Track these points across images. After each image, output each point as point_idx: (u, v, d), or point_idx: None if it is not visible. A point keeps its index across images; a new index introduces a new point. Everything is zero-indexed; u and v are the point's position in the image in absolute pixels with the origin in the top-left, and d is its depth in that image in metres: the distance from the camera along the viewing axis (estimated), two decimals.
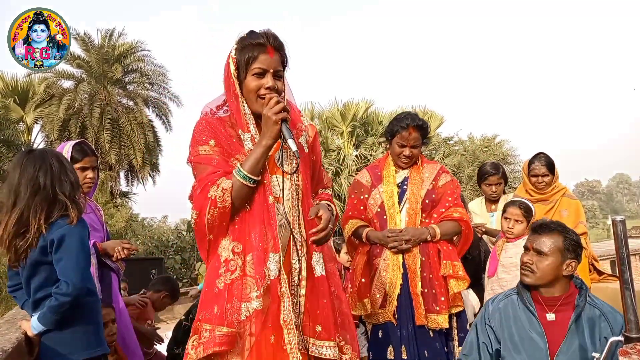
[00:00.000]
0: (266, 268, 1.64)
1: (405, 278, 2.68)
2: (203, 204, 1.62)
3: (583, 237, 3.57)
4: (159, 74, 20.50)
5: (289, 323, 1.63)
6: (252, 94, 1.72)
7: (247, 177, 1.63)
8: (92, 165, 2.67)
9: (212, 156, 1.69)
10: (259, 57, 1.68)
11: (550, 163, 3.68)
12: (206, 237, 1.67)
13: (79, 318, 1.96)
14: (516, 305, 2.16)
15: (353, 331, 1.84)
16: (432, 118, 20.92)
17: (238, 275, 1.64)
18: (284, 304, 1.65)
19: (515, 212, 3.12)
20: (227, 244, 1.68)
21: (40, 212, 1.91)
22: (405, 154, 2.79)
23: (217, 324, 1.62)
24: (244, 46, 1.70)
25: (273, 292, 1.65)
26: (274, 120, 1.61)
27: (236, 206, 1.64)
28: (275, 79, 1.72)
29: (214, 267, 1.69)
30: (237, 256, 1.65)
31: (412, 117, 2.82)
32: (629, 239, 1.44)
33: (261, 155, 1.64)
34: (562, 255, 2.09)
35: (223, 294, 1.64)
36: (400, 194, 2.81)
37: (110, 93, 18.83)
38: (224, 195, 1.61)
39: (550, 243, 2.12)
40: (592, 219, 49.66)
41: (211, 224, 1.63)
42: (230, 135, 1.74)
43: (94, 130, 18.11)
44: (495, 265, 3.14)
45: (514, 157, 23.25)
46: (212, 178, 1.64)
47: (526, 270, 2.13)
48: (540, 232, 2.15)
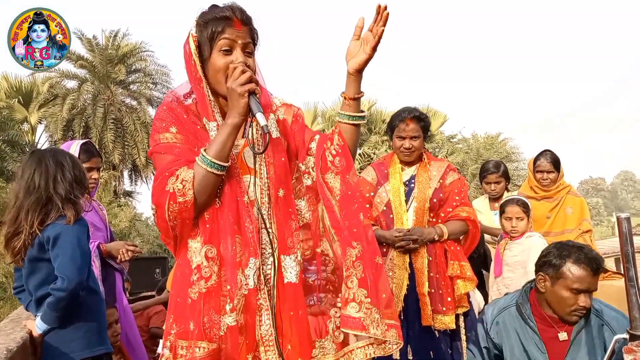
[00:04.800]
0: (243, 275, 1.43)
1: (412, 278, 2.66)
2: (161, 198, 1.38)
3: (588, 234, 3.58)
4: (162, 73, 20.56)
5: (267, 340, 1.43)
6: (219, 74, 1.47)
7: (213, 164, 1.38)
8: (98, 166, 2.70)
9: (173, 144, 1.46)
10: (225, 30, 1.45)
11: (556, 160, 3.68)
12: (170, 235, 1.45)
13: (81, 317, 1.96)
14: (515, 319, 2.06)
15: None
16: (436, 116, 20.87)
17: (215, 282, 1.42)
18: (262, 317, 1.44)
19: (516, 210, 3.11)
20: (199, 248, 1.44)
21: (33, 213, 1.90)
22: (405, 146, 2.77)
23: (196, 339, 1.40)
24: (207, 21, 1.47)
25: (250, 303, 1.43)
26: (239, 93, 1.38)
27: (202, 200, 1.40)
28: (246, 54, 1.48)
29: (184, 274, 1.46)
30: (212, 262, 1.42)
31: (409, 110, 2.83)
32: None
33: (228, 136, 1.40)
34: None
35: (198, 305, 1.41)
36: (407, 192, 2.79)
37: (113, 93, 18.91)
38: (184, 188, 1.36)
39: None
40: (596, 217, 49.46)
41: (173, 221, 1.40)
42: (195, 123, 1.51)
43: (98, 130, 18.19)
44: (501, 265, 3.13)
45: (517, 154, 23.20)
46: (171, 168, 1.41)
47: (582, 313, 1.96)
48: (598, 274, 1.97)
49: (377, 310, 1.47)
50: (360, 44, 1.51)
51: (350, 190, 1.55)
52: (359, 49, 1.51)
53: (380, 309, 1.48)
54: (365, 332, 1.45)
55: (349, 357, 1.52)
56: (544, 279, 2.00)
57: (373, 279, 1.49)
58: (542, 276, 2.01)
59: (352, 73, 1.53)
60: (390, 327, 1.48)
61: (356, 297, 1.46)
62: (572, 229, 3.53)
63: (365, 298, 1.46)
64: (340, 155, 1.56)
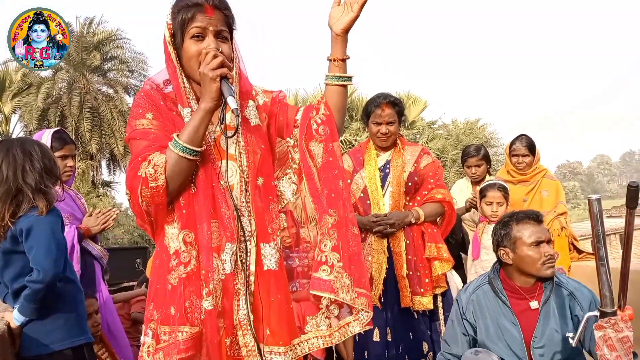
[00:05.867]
0: (220, 260, 1.44)
1: (390, 262, 2.71)
2: (133, 183, 1.39)
3: (563, 216, 3.65)
4: (139, 61, 20.18)
5: (245, 324, 1.45)
6: (192, 61, 1.47)
7: (185, 148, 1.38)
8: (72, 153, 2.67)
9: (148, 130, 1.46)
10: (196, 16, 1.45)
11: (531, 144, 3.74)
12: (146, 220, 1.46)
13: (60, 307, 1.95)
14: (488, 296, 2.15)
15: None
16: (416, 103, 21.00)
17: (194, 267, 1.43)
18: (240, 302, 1.45)
19: (497, 195, 3.16)
20: (176, 233, 1.44)
21: (3, 205, 1.87)
22: (382, 131, 2.80)
23: (178, 323, 1.40)
24: (179, 8, 1.47)
25: (227, 288, 1.45)
26: (210, 77, 1.37)
27: (175, 186, 1.41)
28: (220, 40, 1.48)
29: (163, 261, 1.47)
30: (190, 246, 1.43)
31: (384, 95, 2.85)
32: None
33: (200, 121, 1.40)
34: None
35: (179, 290, 1.42)
36: (382, 177, 2.82)
37: (89, 81, 18.52)
38: (155, 172, 1.37)
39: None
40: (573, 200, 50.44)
41: (146, 206, 1.41)
42: (171, 110, 1.52)
43: (74, 119, 17.83)
44: (479, 248, 3.19)
45: (496, 139, 23.50)
46: (144, 154, 1.41)
47: (552, 262, 2.07)
48: (541, 223, 2.14)
49: (347, 276, 1.48)
50: (344, 8, 1.54)
51: (331, 157, 1.56)
52: (343, 12, 1.54)
53: (352, 275, 1.50)
54: (334, 295, 1.47)
55: (342, 330, 1.55)
56: (505, 252, 2.12)
57: (347, 247, 1.51)
58: (503, 250, 2.13)
59: (339, 34, 1.55)
60: (360, 295, 1.50)
61: (328, 260, 1.49)
62: (548, 212, 3.59)
63: (337, 262, 1.48)
64: (325, 123, 1.58)
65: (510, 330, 2.05)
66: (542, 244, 2.06)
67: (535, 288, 2.09)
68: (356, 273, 1.51)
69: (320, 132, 1.57)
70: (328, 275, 1.47)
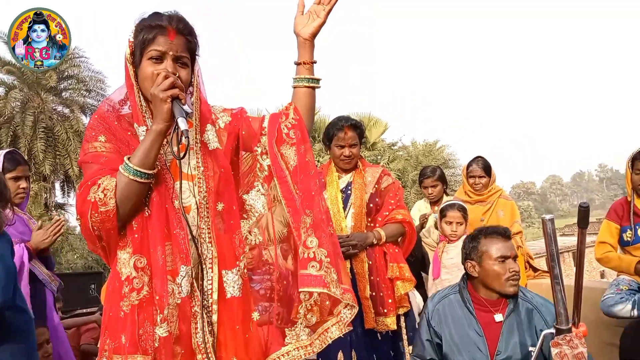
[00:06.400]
0: (175, 284, 1.40)
1: (353, 283, 2.70)
2: (83, 207, 1.35)
3: (519, 235, 3.77)
4: (96, 80, 19.75)
5: (203, 348, 1.41)
6: (147, 82, 1.44)
7: (137, 172, 1.35)
8: (25, 174, 2.59)
9: (100, 153, 1.43)
10: (157, 39, 1.43)
11: (487, 166, 3.87)
12: (97, 245, 1.43)
13: (8, 337, 1.84)
14: (454, 306, 2.19)
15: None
16: (377, 124, 21.30)
17: (147, 293, 1.39)
18: (197, 325, 1.41)
19: (457, 215, 3.25)
20: (127, 259, 1.41)
21: None
22: (345, 154, 2.83)
23: (129, 353, 1.36)
24: (142, 28, 1.46)
25: (184, 311, 1.41)
26: (161, 98, 1.35)
27: (126, 210, 1.37)
28: (179, 66, 1.47)
29: (115, 287, 1.43)
30: (142, 272, 1.40)
31: (346, 118, 2.90)
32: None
33: (152, 142, 1.37)
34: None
35: (131, 317, 1.38)
36: (344, 199, 2.85)
37: (44, 100, 17.97)
38: (105, 197, 1.34)
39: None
40: (528, 219, 52.07)
41: (97, 231, 1.38)
42: (127, 130, 1.49)
43: (27, 140, 17.20)
44: (439, 267, 3.24)
45: (454, 161, 24.08)
46: (94, 177, 1.38)
47: (516, 279, 2.11)
48: (509, 239, 2.19)
49: (334, 271, 1.49)
50: (309, 16, 1.61)
51: (305, 159, 1.57)
52: (309, 19, 1.60)
53: (337, 272, 1.50)
54: (327, 290, 1.46)
55: (322, 337, 1.54)
56: (472, 266, 2.18)
57: (329, 244, 1.51)
58: (470, 263, 2.19)
59: (307, 38, 1.60)
60: (345, 290, 1.51)
61: (316, 256, 1.48)
62: None
63: (325, 257, 1.48)
64: (296, 127, 1.58)
65: (475, 340, 2.09)
66: (508, 260, 2.11)
67: (500, 302, 2.14)
68: (339, 270, 1.52)
69: (291, 136, 1.58)
70: (318, 271, 1.46)
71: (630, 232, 2.94)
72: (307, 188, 1.54)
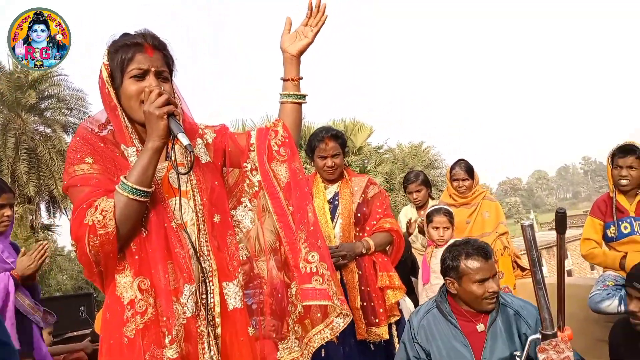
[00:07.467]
0: (179, 305, 1.38)
1: (344, 294, 2.70)
2: (80, 232, 1.30)
3: (505, 236, 3.80)
4: (77, 98, 19.52)
5: None
6: (132, 101, 1.43)
7: (135, 190, 1.32)
8: (10, 202, 2.55)
9: (90, 175, 1.38)
10: (136, 57, 1.42)
11: (470, 168, 3.90)
12: (94, 271, 1.38)
13: None
14: (438, 320, 2.20)
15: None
16: (362, 129, 21.33)
17: (152, 315, 1.35)
18: (205, 345, 1.40)
19: (443, 220, 3.26)
20: (130, 282, 1.37)
21: None
22: (328, 164, 2.84)
23: None
24: (117, 48, 1.44)
25: (190, 332, 1.39)
26: (157, 115, 1.34)
27: (126, 231, 1.34)
28: (160, 80, 1.46)
29: (116, 313, 1.38)
30: (147, 294, 1.36)
31: (326, 129, 2.92)
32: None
33: (149, 160, 1.35)
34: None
35: (137, 343, 1.33)
36: (332, 209, 2.85)
37: (25, 121, 17.73)
38: (104, 219, 1.29)
39: None
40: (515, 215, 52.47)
41: (95, 256, 1.32)
42: (113, 151, 1.46)
43: (10, 162, 16.94)
44: (428, 272, 3.25)
45: (440, 161, 24.26)
46: (89, 200, 1.33)
47: (494, 297, 2.11)
48: (490, 258, 2.17)
49: (334, 284, 1.53)
50: (296, 35, 1.66)
51: (297, 176, 1.60)
52: (296, 38, 1.65)
53: (337, 284, 1.55)
54: (331, 302, 1.50)
55: (308, 346, 1.57)
56: (451, 282, 2.18)
57: (325, 257, 1.55)
58: (449, 280, 2.19)
59: (295, 55, 1.65)
60: (342, 301, 1.55)
61: (319, 270, 1.52)
62: (490, 232, 3.74)
63: (326, 271, 1.52)
64: (286, 145, 1.62)
65: (461, 352, 2.10)
66: (488, 281, 2.11)
67: (481, 313, 2.15)
68: (336, 280, 1.57)
69: (282, 153, 1.62)
70: (321, 285, 1.50)
71: (614, 228, 2.98)
72: (301, 204, 1.57)
